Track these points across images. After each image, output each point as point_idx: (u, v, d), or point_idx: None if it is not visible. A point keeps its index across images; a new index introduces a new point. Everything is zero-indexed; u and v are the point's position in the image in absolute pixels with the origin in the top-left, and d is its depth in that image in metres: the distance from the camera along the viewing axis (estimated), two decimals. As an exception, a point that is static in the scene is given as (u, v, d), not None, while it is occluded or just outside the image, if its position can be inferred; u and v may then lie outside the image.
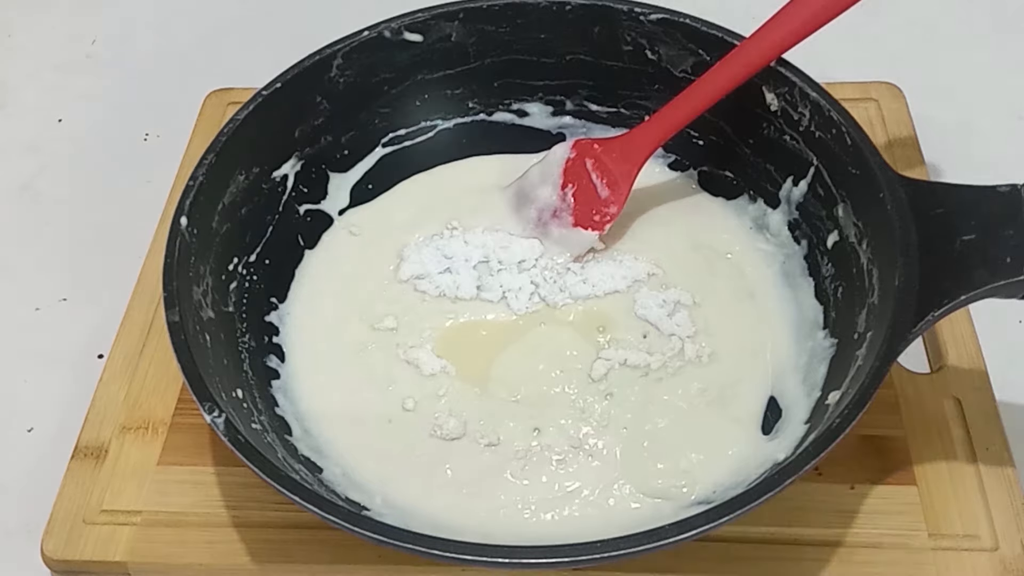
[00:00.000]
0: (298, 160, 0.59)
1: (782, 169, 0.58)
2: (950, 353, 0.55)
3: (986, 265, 0.44)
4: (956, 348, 0.55)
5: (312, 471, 0.49)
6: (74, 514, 0.51)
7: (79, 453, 0.53)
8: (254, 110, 0.55)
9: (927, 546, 0.48)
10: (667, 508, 0.49)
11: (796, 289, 0.56)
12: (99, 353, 0.59)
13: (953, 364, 0.54)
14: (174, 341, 0.46)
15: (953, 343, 0.55)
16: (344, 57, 0.58)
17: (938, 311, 0.44)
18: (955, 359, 0.55)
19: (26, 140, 0.73)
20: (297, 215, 0.60)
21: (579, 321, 0.56)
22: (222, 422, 0.44)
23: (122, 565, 0.49)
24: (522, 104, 0.64)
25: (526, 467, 0.51)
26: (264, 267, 0.57)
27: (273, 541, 0.50)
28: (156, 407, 0.55)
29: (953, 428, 0.52)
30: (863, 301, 0.50)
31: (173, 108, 0.71)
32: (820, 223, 0.55)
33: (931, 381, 0.54)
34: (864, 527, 0.49)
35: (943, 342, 0.55)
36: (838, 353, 0.51)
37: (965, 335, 0.55)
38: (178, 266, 0.49)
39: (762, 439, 0.51)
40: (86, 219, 0.67)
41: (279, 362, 0.55)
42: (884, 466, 0.51)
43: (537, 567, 0.41)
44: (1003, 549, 0.48)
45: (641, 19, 0.58)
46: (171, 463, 0.53)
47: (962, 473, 0.51)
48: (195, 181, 0.52)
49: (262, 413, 0.50)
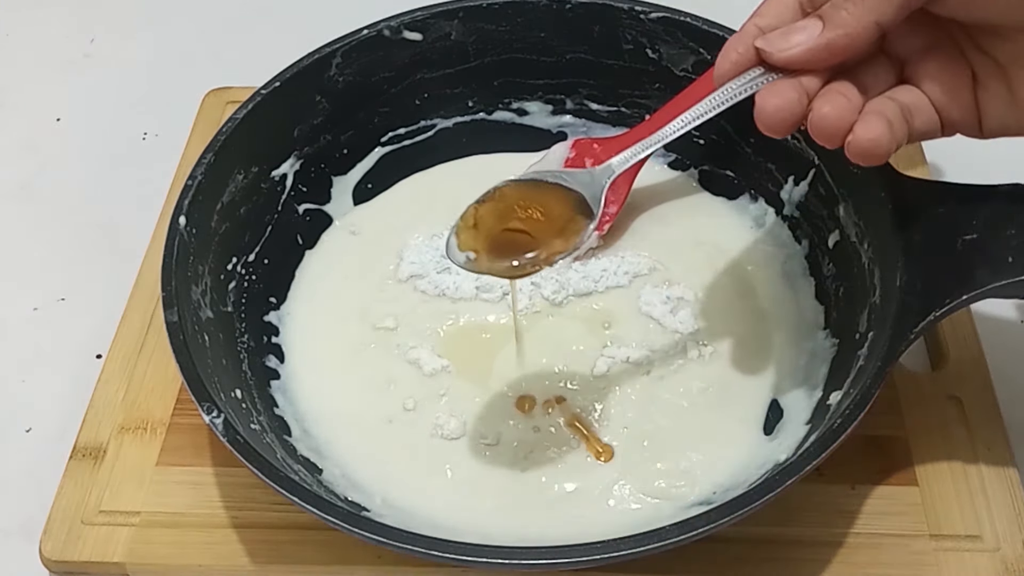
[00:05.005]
0: (297, 159, 0.59)
1: (783, 168, 0.58)
2: (952, 353, 0.55)
3: (988, 265, 0.44)
4: (958, 348, 0.55)
5: (311, 471, 0.49)
6: (72, 515, 0.51)
7: (77, 453, 0.53)
8: (253, 109, 0.55)
9: (928, 547, 0.48)
10: (667, 508, 0.49)
11: (797, 289, 0.56)
12: (97, 353, 0.58)
13: (955, 364, 0.54)
14: (173, 341, 0.46)
15: (955, 343, 0.55)
16: (343, 56, 0.58)
17: (940, 311, 0.44)
18: (957, 359, 0.54)
19: (24, 139, 0.72)
20: (296, 214, 0.59)
21: (582, 318, 0.56)
22: (221, 422, 0.44)
23: (120, 566, 0.49)
24: (522, 103, 0.63)
25: (526, 467, 0.50)
26: (263, 267, 0.57)
27: (272, 542, 0.49)
28: (155, 407, 0.54)
29: (954, 428, 0.52)
30: (864, 301, 0.49)
31: (171, 107, 0.71)
32: (821, 223, 0.55)
33: (932, 381, 0.54)
34: (865, 527, 0.49)
35: (945, 342, 0.55)
36: (839, 353, 0.51)
37: (967, 335, 0.55)
38: (177, 266, 0.49)
39: (763, 439, 0.51)
40: (84, 219, 0.67)
41: (278, 362, 0.55)
42: (885, 466, 0.51)
43: (537, 567, 0.41)
44: (1004, 550, 0.48)
45: (641, 17, 0.58)
46: (170, 464, 0.52)
47: (963, 473, 0.50)
48: (194, 180, 0.52)
49: (261, 413, 0.50)
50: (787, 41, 0.40)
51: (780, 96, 0.40)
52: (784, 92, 0.40)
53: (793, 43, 0.40)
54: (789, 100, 0.40)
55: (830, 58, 0.40)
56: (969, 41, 0.42)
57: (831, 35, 0.39)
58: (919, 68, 0.42)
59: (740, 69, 0.41)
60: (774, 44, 0.40)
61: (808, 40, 0.39)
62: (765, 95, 0.40)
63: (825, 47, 0.39)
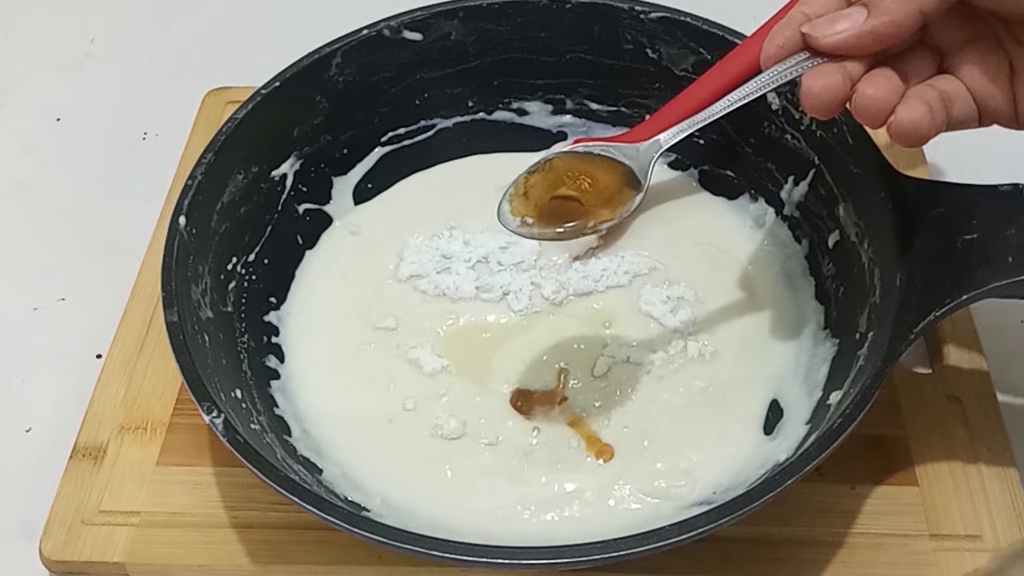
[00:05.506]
0: (297, 159, 0.59)
1: (783, 168, 0.57)
2: (951, 353, 0.55)
3: (988, 265, 0.44)
4: (957, 348, 0.55)
5: (311, 471, 0.49)
6: (72, 515, 0.50)
7: (77, 453, 0.53)
8: (253, 109, 0.55)
9: (928, 547, 0.48)
10: (667, 508, 0.49)
11: (797, 289, 0.56)
12: (97, 353, 0.58)
13: (954, 364, 0.54)
14: (173, 341, 0.46)
15: (955, 343, 0.55)
16: (343, 56, 0.58)
17: (940, 311, 0.44)
18: (956, 359, 0.54)
19: (24, 139, 0.72)
20: (296, 214, 0.59)
21: (582, 317, 0.56)
22: (221, 422, 0.44)
23: (120, 566, 0.49)
24: (522, 103, 0.63)
25: (526, 467, 0.50)
26: (263, 267, 0.57)
27: (272, 542, 0.49)
28: (155, 407, 0.54)
29: (954, 428, 0.52)
30: (864, 301, 0.49)
31: (171, 107, 0.71)
32: (821, 222, 0.55)
33: (932, 381, 0.54)
34: (865, 527, 0.49)
35: (944, 342, 0.55)
36: (839, 353, 0.51)
37: (967, 335, 0.55)
38: (176, 266, 0.49)
39: (763, 439, 0.51)
40: (84, 218, 0.67)
41: (278, 362, 0.55)
42: (885, 466, 0.51)
43: (537, 567, 0.41)
44: (1004, 549, 0.48)
45: (641, 17, 0.58)
46: (170, 463, 0.52)
47: (963, 473, 0.50)
48: (194, 180, 0.52)
49: (261, 413, 0.50)
50: (833, 27, 0.41)
51: (826, 78, 0.41)
52: (830, 75, 0.41)
53: (839, 28, 0.41)
54: (834, 82, 0.41)
55: (874, 44, 0.41)
56: (1008, 34, 0.43)
57: (876, 22, 0.40)
58: (958, 59, 0.43)
59: (786, 53, 0.43)
60: (820, 30, 0.41)
61: (853, 26, 0.41)
62: (811, 77, 0.41)
63: (870, 33, 0.40)
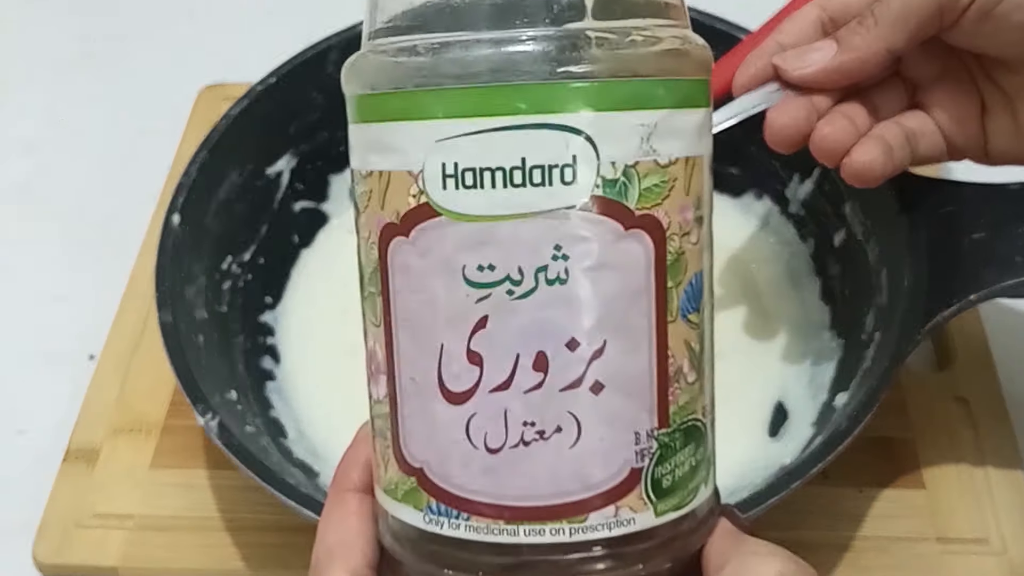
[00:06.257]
0: (293, 157, 0.58)
1: (788, 165, 0.57)
2: (959, 353, 0.54)
3: (995, 264, 0.44)
4: (965, 348, 0.54)
5: (308, 474, 0.49)
6: (66, 518, 0.50)
7: (71, 456, 0.52)
8: (248, 106, 0.55)
9: (935, 550, 0.48)
10: (670, 511, 0.48)
11: (802, 288, 0.56)
12: (90, 354, 0.58)
13: (962, 365, 0.54)
14: (167, 342, 0.46)
15: (962, 343, 0.55)
16: (340, 51, 0.57)
17: (947, 311, 0.44)
18: (964, 359, 0.54)
19: (22, 138, 0.72)
20: (292, 213, 0.59)
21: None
22: (216, 424, 0.43)
23: (114, 570, 0.49)
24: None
25: (526, 469, 0.50)
26: (259, 266, 0.56)
27: (268, 545, 0.49)
28: (149, 409, 0.54)
29: (961, 430, 0.52)
30: (871, 301, 0.49)
31: (166, 104, 0.71)
32: (827, 221, 0.55)
33: (939, 382, 0.54)
34: (871, 530, 0.49)
35: (952, 342, 0.55)
36: (845, 354, 0.51)
37: (974, 335, 0.55)
38: (171, 265, 0.49)
39: (768, 441, 0.51)
40: (80, 218, 0.66)
41: (274, 363, 0.54)
42: (892, 469, 0.50)
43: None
44: (1012, 553, 0.48)
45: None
46: (164, 466, 0.52)
47: (970, 476, 0.50)
48: (188, 178, 0.51)
49: (257, 415, 0.50)
50: (802, 60, 0.42)
51: (789, 114, 0.42)
52: (793, 112, 0.42)
53: (807, 63, 0.42)
54: (796, 119, 0.42)
55: (842, 79, 0.42)
56: (981, 71, 0.43)
57: (844, 58, 0.41)
58: (930, 94, 0.44)
59: (757, 82, 0.43)
60: (790, 62, 0.42)
61: (822, 61, 0.41)
62: (776, 113, 0.42)
63: (837, 69, 0.41)
